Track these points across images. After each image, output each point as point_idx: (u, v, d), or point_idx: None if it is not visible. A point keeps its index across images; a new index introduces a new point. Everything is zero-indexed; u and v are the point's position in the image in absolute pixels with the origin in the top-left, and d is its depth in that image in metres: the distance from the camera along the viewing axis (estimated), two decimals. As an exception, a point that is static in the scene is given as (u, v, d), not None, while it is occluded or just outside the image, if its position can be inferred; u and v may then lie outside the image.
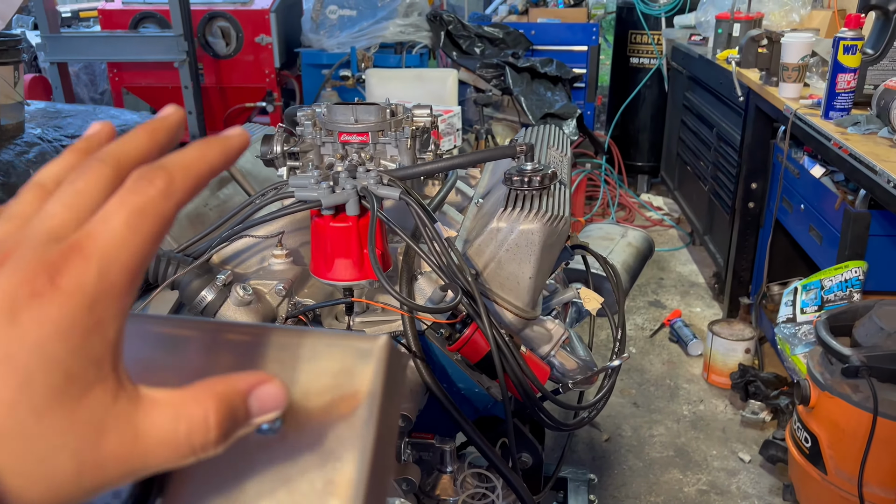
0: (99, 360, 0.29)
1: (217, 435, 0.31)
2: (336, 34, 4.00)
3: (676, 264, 4.05)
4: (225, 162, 0.35)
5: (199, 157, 0.34)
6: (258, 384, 0.32)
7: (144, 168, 0.32)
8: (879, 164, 1.71)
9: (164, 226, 0.32)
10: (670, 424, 2.65)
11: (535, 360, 0.98)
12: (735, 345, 2.79)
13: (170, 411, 0.31)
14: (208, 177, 0.34)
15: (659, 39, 4.71)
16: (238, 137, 0.36)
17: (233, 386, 0.32)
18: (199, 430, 0.30)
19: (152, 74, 4.09)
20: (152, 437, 0.30)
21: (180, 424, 0.30)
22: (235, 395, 0.32)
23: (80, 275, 0.29)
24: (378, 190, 0.94)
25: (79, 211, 0.31)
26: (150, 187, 0.31)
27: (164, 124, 0.36)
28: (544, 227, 0.96)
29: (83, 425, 0.29)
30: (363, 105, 1.15)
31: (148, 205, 0.31)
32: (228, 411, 0.31)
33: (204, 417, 0.31)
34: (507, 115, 4.02)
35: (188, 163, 0.33)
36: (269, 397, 0.32)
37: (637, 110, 5.02)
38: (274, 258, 1.02)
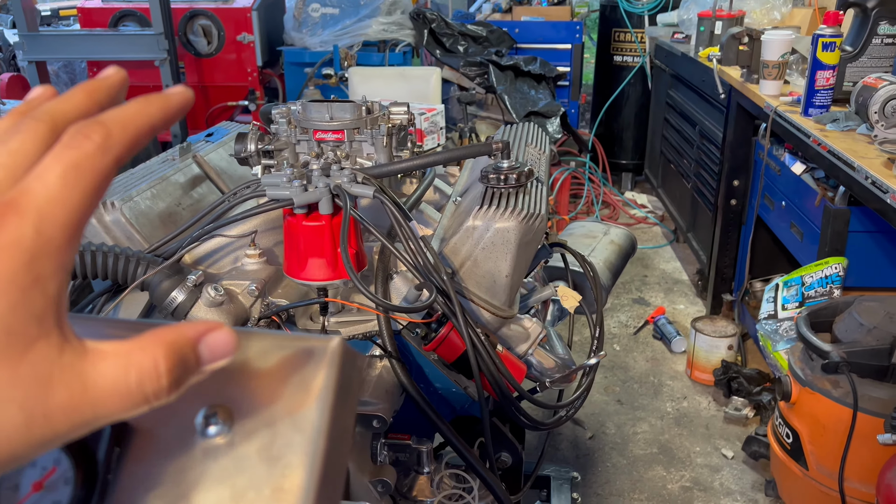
0: (40, 316, 0.29)
1: (168, 381, 0.31)
2: (318, 32, 3.97)
3: (660, 262, 4.06)
4: (165, 118, 0.35)
5: (138, 112, 0.33)
6: (207, 331, 0.32)
7: (81, 123, 0.32)
8: (858, 161, 1.72)
9: (103, 181, 0.31)
10: (654, 421, 2.66)
11: (511, 359, 0.97)
12: (718, 341, 2.80)
13: (118, 361, 0.30)
14: (148, 132, 0.34)
15: (642, 37, 4.72)
16: (179, 94, 0.36)
17: (181, 334, 0.32)
18: (149, 378, 0.30)
19: (133, 73, 4.02)
20: (102, 388, 0.30)
21: (130, 373, 0.30)
22: (185, 342, 0.32)
23: (15, 231, 0.28)
24: (352, 188, 0.93)
25: (13, 169, 0.30)
26: (86, 142, 0.31)
27: (103, 83, 0.35)
28: (520, 225, 0.95)
29: (28, 379, 0.29)
30: (339, 103, 1.14)
31: (84, 159, 0.30)
32: (178, 358, 0.31)
33: (154, 365, 0.30)
34: (490, 113, 4.01)
35: (127, 117, 0.33)
36: (219, 343, 0.32)
37: (621, 108, 5.03)
38: (247, 258, 1.01)
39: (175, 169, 1.17)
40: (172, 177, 1.15)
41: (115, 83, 0.36)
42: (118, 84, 0.36)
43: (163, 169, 1.16)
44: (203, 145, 1.29)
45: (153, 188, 1.09)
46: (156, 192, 1.09)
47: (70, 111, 0.33)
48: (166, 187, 1.12)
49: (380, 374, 0.96)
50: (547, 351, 1.12)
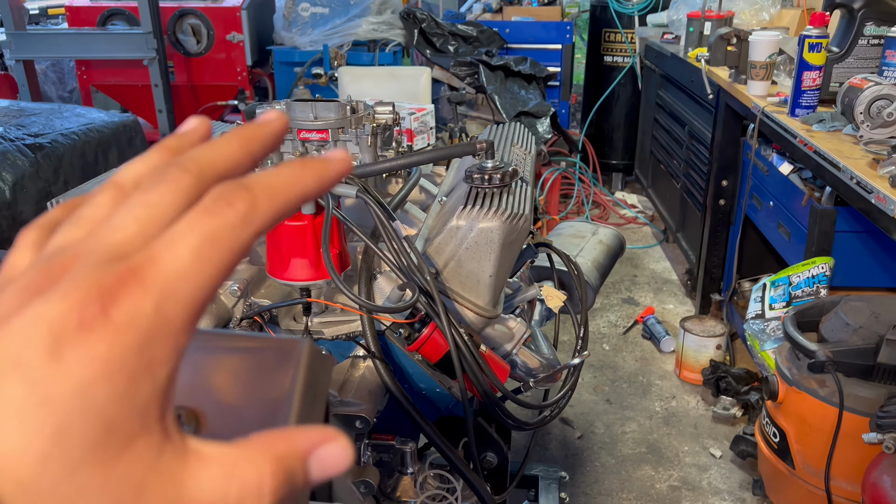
0: (145, 409, 0.25)
1: (271, 502, 0.27)
2: (308, 32, 3.96)
3: (650, 261, 4.07)
4: (320, 188, 0.30)
5: (291, 181, 0.29)
6: (321, 443, 0.28)
7: (226, 185, 0.28)
8: (843, 161, 1.73)
9: (238, 256, 0.27)
10: (643, 421, 2.66)
11: (495, 359, 0.97)
12: (706, 341, 2.81)
13: (220, 472, 0.27)
14: (298, 204, 0.30)
15: (632, 38, 4.74)
16: (339, 162, 0.31)
17: (294, 446, 0.28)
18: (251, 497, 0.27)
19: (122, 72, 4.03)
20: (199, 500, 0.26)
21: (231, 488, 0.27)
22: (295, 458, 0.28)
23: (135, 306, 0.25)
24: (335, 188, 0.92)
25: (148, 226, 0.27)
26: (228, 210, 0.27)
27: (262, 131, 0.31)
28: (503, 225, 0.95)
29: (121, 484, 0.25)
30: (323, 102, 1.14)
31: (222, 231, 0.27)
32: (286, 476, 0.27)
33: (258, 482, 0.27)
34: (481, 113, 4.02)
35: (278, 186, 0.29)
36: (333, 459, 0.28)
37: (611, 108, 5.04)
38: (230, 258, 1.00)
39: (158, 168, 1.16)
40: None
41: (274, 131, 0.31)
42: (278, 133, 0.32)
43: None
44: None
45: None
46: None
47: (221, 163, 0.29)
48: (149, 187, 1.11)
49: (363, 374, 0.96)
50: (532, 351, 1.12)
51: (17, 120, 2.54)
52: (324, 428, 0.29)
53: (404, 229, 0.95)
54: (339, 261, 0.94)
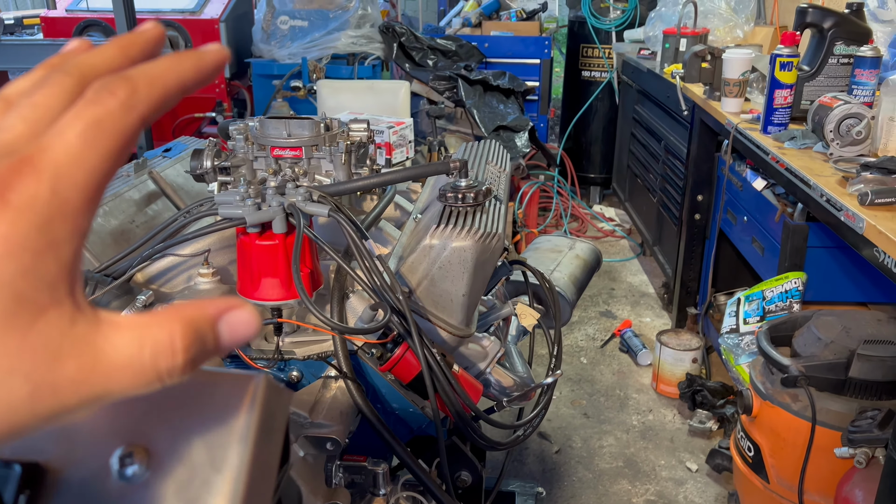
0: (53, 283, 0.28)
1: (184, 359, 0.29)
2: (287, 45, 3.96)
3: (627, 275, 4.09)
4: (198, 77, 0.33)
5: (169, 69, 0.32)
6: (228, 309, 0.31)
7: (106, 79, 0.30)
8: (813, 179, 1.75)
9: (126, 140, 0.29)
10: (620, 435, 2.67)
11: (467, 378, 0.97)
12: (682, 354, 2.83)
13: (133, 334, 0.29)
14: (178, 91, 0.32)
15: (610, 53, 4.79)
16: (214, 53, 0.34)
17: (201, 310, 0.30)
18: (164, 354, 0.29)
19: (97, 83, 3.99)
20: (114, 361, 0.28)
21: (145, 348, 0.29)
22: (204, 319, 0.30)
23: (31, 191, 0.27)
24: (306, 207, 0.92)
25: (35, 123, 0.29)
26: (110, 98, 0.29)
27: (139, 38, 0.33)
28: (476, 245, 0.95)
29: (37, 349, 0.27)
30: (297, 119, 1.13)
31: (106, 117, 0.29)
32: (196, 335, 0.30)
33: (170, 341, 0.29)
34: (460, 127, 4.03)
35: (156, 74, 0.31)
36: (241, 322, 0.31)
37: (589, 123, 5.09)
38: (200, 277, 0.99)
39: (129, 185, 1.15)
40: (126, 193, 1.13)
41: (151, 38, 0.34)
42: (155, 39, 0.34)
43: (116, 185, 1.14)
44: (160, 161, 1.27)
45: (105, 205, 1.08)
46: (108, 210, 1.07)
47: (100, 65, 0.31)
48: (119, 204, 1.10)
49: (335, 395, 0.95)
50: (506, 369, 1.12)
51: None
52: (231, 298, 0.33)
53: (377, 248, 0.95)
54: (310, 280, 0.93)
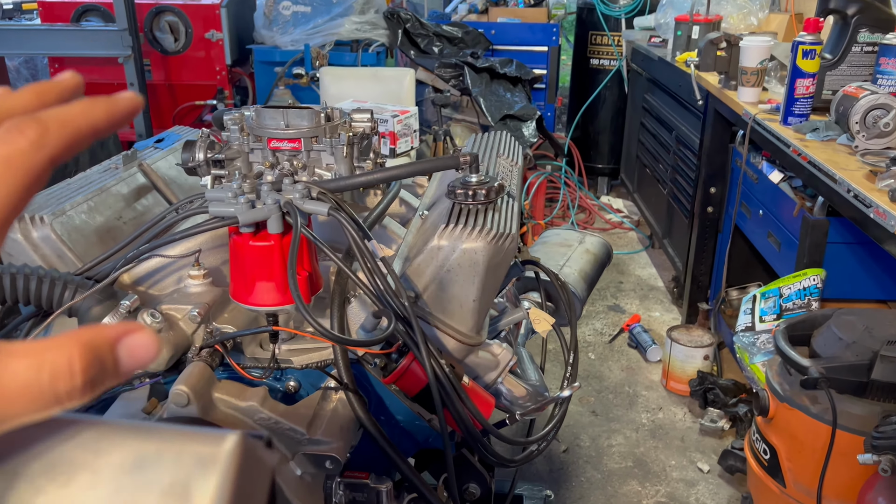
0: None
1: (83, 381, 0.29)
2: (290, 31, 3.87)
3: (636, 268, 4.02)
4: (109, 121, 0.34)
5: (81, 112, 0.33)
6: (127, 332, 0.31)
7: (17, 118, 0.31)
8: (839, 173, 1.67)
9: (34, 179, 0.31)
10: (629, 433, 2.60)
11: (478, 392, 0.90)
12: (694, 351, 2.75)
13: (30, 360, 0.29)
14: (89, 134, 0.33)
15: (619, 41, 4.69)
16: (128, 100, 0.35)
17: (99, 334, 0.31)
18: (63, 377, 0.29)
19: (96, 70, 3.91)
20: (10, 388, 0.28)
21: (42, 372, 0.29)
22: (102, 343, 0.30)
23: None
24: (304, 205, 0.85)
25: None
26: (19, 137, 0.30)
27: (55, 85, 0.35)
28: (489, 246, 0.87)
29: None
30: (295, 109, 1.06)
31: (15, 154, 0.30)
32: (94, 358, 0.30)
33: (68, 363, 0.29)
34: (466, 116, 3.94)
35: (67, 116, 0.32)
36: (140, 346, 0.31)
37: (597, 112, 4.99)
38: (190, 279, 0.92)
39: (117, 179, 1.08)
40: (114, 188, 1.06)
41: (67, 87, 0.35)
42: (71, 88, 0.35)
43: (103, 179, 1.07)
44: (151, 152, 1.19)
45: (90, 200, 1.00)
46: (93, 205, 1.00)
47: (15, 108, 0.33)
48: (106, 199, 1.03)
49: (335, 408, 0.88)
50: (517, 377, 1.04)
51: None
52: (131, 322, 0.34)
53: (381, 250, 0.88)
54: (308, 284, 0.86)
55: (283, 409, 0.84)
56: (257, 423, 0.83)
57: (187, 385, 0.78)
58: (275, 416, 0.82)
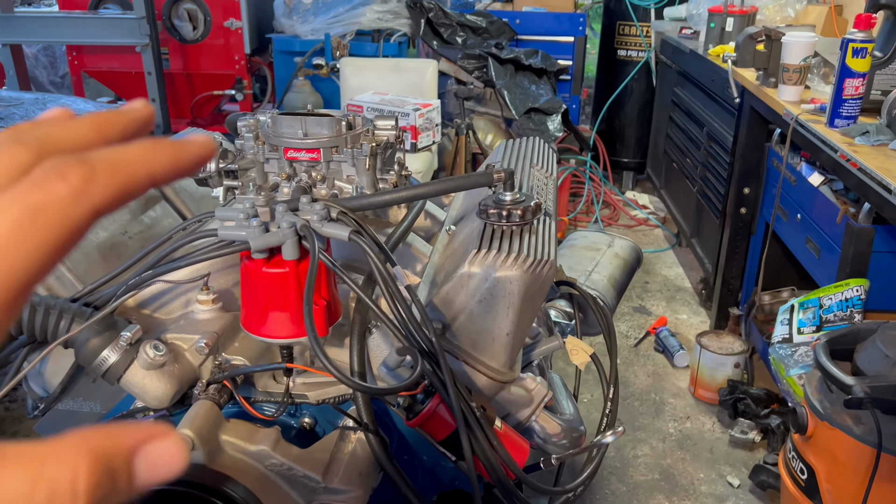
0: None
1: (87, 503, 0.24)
2: (310, 19, 3.78)
3: (662, 267, 3.91)
4: (175, 171, 0.29)
5: (140, 157, 0.27)
6: (149, 439, 0.26)
7: (62, 157, 0.26)
8: (893, 182, 1.56)
9: (70, 235, 0.25)
10: (655, 444, 2.51)
11: (512, 437, 0.82)
12: (724, 359, 2.65)
13: (26, 471, 0.24)
14: (146, 184, 0.28)
15: (648, 31, 4.55)
16: (200, 145, 0.30)
17: (115, 442, 0.25)
18: (63, 496, 0.24)
19: (114, 58, 3.85)
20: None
21: (39, 487, 0.24)
22: (117, 453, 0.25)
23: None
24: (323, 228, 0.77)
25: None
26: (59, 183, 0.25)
27: (122, 117, 0.29)
28: (525, 275, 0.79)
29: None
30: (314, 117, 0.97)
31: (51, 204, 0.25)
32: (105, 472, 0.24)
33: (71, 479, 0.24)
34: (489, 109, 3.84)
35: (122, 160, 0.27)
36: (163, 458, 0.26)
37: (624, 104, 4.86)
38: (198, 304, 0.84)
39: (122, 189, 1.00)
40: (118, 199, 0.98)
41: (136, 119, 0.30)
42: (141, 121, 0.30)
43: (107, 189, 0.99)
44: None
45: (93, 214, 0.93)
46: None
47: (65, 140, 0.27)
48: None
49: (353, 450, 0.80)
50: (550, 412, 0.96)
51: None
52: (153, 424, 0.27)
53: (407, 276, 0.80)
54: (325, 314, 0.78)
55: (296, 453, 0.76)
56: (268, 469, 0.75)
57: (192, 429, 0.71)
58: (288, 461, 0.75)
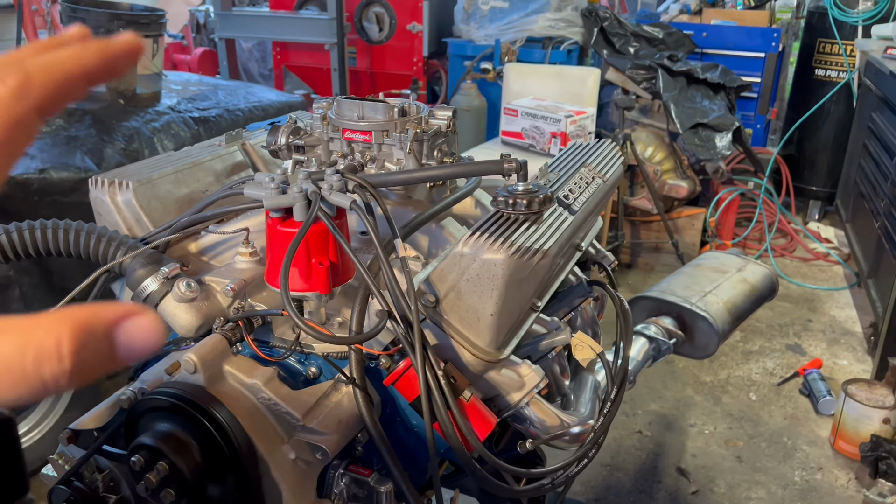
0: None
1: (72, 364, 0.26)
2: (486, 25, 3.92)
3: (833, 307, 3.56)
4: (103, 64, 0.32)
5: (70, 57, 0.30)
6: (127, 315, 0.28)
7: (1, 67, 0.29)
8: None
9: (19, 129, 0.28)
10: (774, 489, 2.32)
11: (479, 409, 0.85)
12: (871, 412, 2.38)
13: (15, 338, 0.27)
14: (80, 79, 0.31)
15: (852, 51, 4.15)
16: (123, 42, 0.33)
17: (95, 314, 0.28)
18: (49, 358, 0.26)
19: (310, 55, 4.26)
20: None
21: (27, 351, 0.26)
22: (98, 324, 0.28)
23: None
24: (330, 196, 0.85)
25: None
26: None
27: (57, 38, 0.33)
28: (509, 260, 0.82)
29: None
30: (371, 102, 1.07)
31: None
32: (87, 339, 0.27)
33: (56, 344, 0.26)
34: (654, 121, 3.74)
35: (52, 62, 0.30)
36: (140, 331, 0.28)
37: (818, 127, 4.48)
38: (239, 255, 0.97)
39: (213, 154, 1.17)
40: (207, 162, 1.14)
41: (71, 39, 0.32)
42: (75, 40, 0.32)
43: (200, 153, 1.16)
44: (260, 133, 1.27)
45: (180, 172, 1.09)
46: (180, 177, 1.09)
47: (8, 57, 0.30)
48: (195, 172, 1.12)
49: (340, 401, 0.88)
50: (557, 405, 0.97)
51: (192, 94, 2.75)
52: (134, 304, 0.29)
53: (405, 249, 0.86)
54: (328, 274, 0.87)
55: (285, 392, 0.86)
56: (259, 401, 0.85)
57: (197, 354, 0.83)
58: (275, 397, 0.85)
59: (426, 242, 1.06)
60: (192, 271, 0.96)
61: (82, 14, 2.33)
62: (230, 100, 2.83)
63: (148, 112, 2.46)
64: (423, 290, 0.88)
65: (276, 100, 3.04)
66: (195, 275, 0.95)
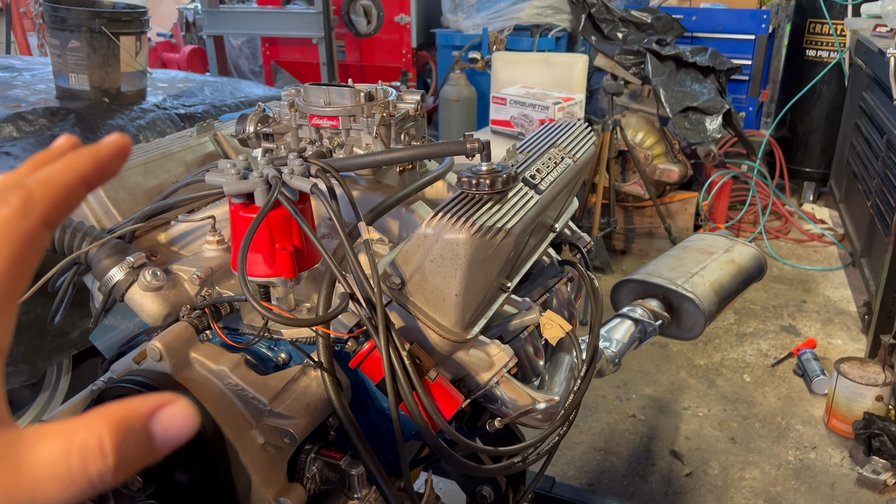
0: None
1: (115, 460, 0.28)
2: (473, 15, 3.91)
3: (827, 287, 3.56)
4: (98, 169, 0.34)
5: (64, 168, 0.33)
6: (161, 406, 0.30)
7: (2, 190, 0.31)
8: None
9: (27, 246, 0.30)
10: (768, 469, 2.33)
11: (444, 388, 0.85)
12: (864, 389, 2.38)
13: (58, 443, 0.28)
14: (80, 187, 0.33)
15: (842, 30, 4.14)
16: (111, 144, 0.35)
17: (131, 409, 0.30)
18: (94, 458, 0.28)
19: (299, 50, 4.25)
20: (38, 473, 0.27)
21: (72, 454, 0.28)
22: (134, 419, 0.29)
23: None
24: (291, 180, 0.85)
25: None
26: (3, 207, 0.30)
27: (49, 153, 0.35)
28: (471, 240, 0.82)
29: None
30: (338, 87, 1.07)
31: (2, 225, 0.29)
32: (126, 435, 0.29)
33: (98, 444, 0.28)
34: (644, 106, 3.73)
35: (50, 176, 0.32)
36: (175, 419, 0.30)
37: (810, 108, 4.46)
38: (206, 244, 0.97)
39: (184, 145, 1.17)
40: (178, 153, 1.14)
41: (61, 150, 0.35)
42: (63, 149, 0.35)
43: (170, 144, 1.16)
44: (231, 123, 1.27)
45: (149, 163, 1.09)
46: (149, 168, 1.09)
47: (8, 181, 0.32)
48: (165, 164, 1.12)
49: (307, 385, 0.88)
50: (527, 385, 0.97)
51: (178, 91, 2.75)
52: (166, 393, 0.31)
53: (367, 232, 0.86)
54: (292, 259, 0.87)
55: (252, 377, 0.86)
56: (227, 388, 0.85)
57: (162, 342, 0.83)
58: (242, 383, 0.85)
59: (396, 227, 1.06)
60: (161, 261, 0.97)
61: (63, 13, 2.33)
62: (217, 96, 2.83)
63: (133, 110, 2.46)
64: (388, 272, 0.88)
65: (264, 94, 3.04)
66: (164, 264, 0.95)
